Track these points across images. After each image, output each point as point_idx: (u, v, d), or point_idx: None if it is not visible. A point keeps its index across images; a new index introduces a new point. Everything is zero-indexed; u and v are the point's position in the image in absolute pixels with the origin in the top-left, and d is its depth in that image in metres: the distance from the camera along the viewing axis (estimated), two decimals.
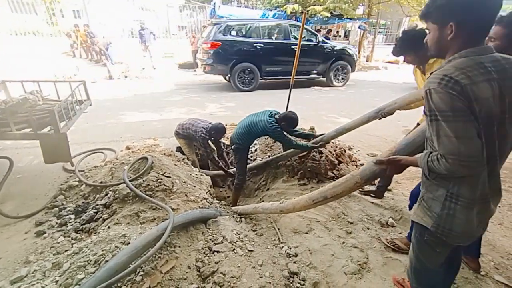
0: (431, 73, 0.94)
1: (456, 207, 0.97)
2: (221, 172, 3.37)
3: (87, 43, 10.53)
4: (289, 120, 2.71)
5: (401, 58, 2.04)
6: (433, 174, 0.98)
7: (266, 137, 3.41)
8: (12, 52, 9.20)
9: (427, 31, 1.01)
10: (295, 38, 7.20)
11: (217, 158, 3.36)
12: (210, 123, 3.22)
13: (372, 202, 2.45)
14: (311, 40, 7.56)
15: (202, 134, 3.09)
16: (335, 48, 7.85)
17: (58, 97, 3.23)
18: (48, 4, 12.46)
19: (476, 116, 0.84)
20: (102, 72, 9.09)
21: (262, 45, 7.13)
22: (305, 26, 3.87)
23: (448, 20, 0.90)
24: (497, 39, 1.35)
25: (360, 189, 2.27)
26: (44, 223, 2.20)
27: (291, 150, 2.88)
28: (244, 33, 7.34)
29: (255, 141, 3.83)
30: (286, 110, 3.73)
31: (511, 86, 0.87)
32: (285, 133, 2.71)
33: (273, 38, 7.69)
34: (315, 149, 2.78)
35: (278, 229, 2.07)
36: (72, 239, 1.97)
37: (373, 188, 2.53)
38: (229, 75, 7.25)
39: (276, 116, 2.76)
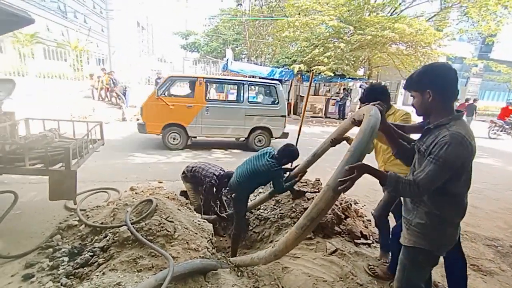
0: None
1: (445, 227, 1.28)
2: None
3: (109, 87, 11.30)
4: (289, 153, 2.68)
5: None
6: (418, 201, 1.31)
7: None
8: (37, 93, 9.89)
9: (412, 98, 1.38)
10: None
11: (213, 204, 3.29)
12: (221, 169, 3.19)
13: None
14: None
15: (212, 181, 3.02)
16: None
17: (74, 135, 3.37)
18: (78, 53, 13.89)
19: (468, 164, 1.22)
20: (116, 114, 9.56)
21: None
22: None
23: (425, 89, 1.27)
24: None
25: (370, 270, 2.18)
26: (34, 265, 2.08)
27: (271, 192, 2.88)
28: None
29: (259, 189, 3.77)
30: (296, 143, 3.69)
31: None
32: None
33: None
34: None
35: (282, 287, 1.92)
36: (61, 285, 1.83)
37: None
38: None
39: (276, 155, 2.67)
